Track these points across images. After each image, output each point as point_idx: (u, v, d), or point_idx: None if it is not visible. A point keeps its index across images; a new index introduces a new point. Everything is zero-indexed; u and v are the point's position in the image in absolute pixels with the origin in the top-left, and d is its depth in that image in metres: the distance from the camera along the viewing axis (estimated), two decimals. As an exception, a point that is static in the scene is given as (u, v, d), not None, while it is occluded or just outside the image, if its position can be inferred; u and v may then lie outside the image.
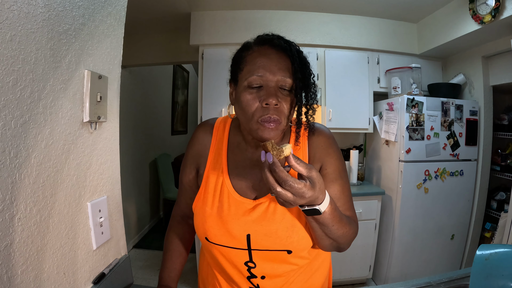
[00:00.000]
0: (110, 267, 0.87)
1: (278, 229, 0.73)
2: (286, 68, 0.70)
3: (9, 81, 0.53)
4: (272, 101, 0.67)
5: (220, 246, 0.77)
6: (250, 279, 0.79)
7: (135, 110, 3.77)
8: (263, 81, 0.69)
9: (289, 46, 0.72)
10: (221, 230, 0.76)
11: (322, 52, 2.84)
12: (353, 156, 2.84)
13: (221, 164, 0.82)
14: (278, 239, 0.73)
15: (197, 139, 0.88)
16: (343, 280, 2.74)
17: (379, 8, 2.72)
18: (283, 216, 0.74)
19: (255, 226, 0.74)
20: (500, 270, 0.67)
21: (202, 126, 0.90)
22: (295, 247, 0.74)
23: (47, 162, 0.63)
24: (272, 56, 0.71)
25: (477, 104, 2.68)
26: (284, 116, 0.70)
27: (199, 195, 0.83)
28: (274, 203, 0.74)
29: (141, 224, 4.06)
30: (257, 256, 0.76)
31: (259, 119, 0.69)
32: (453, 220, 2.69)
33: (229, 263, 0.79)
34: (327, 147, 0.81)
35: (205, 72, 2.78)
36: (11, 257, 0.55)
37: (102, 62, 0.83)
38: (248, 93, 0.70)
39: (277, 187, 0.57)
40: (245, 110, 0.71)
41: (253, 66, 0.70)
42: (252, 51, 0.74)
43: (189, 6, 2.74)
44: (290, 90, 0.71)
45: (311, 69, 0.75)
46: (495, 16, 2.05)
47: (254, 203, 0.76)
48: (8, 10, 0.52)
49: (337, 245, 0.75)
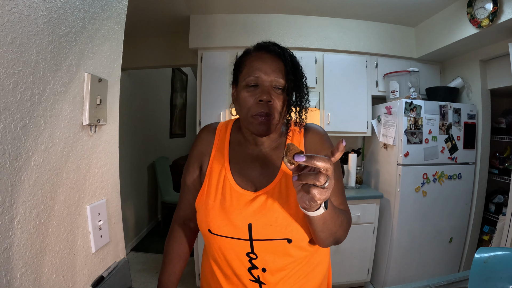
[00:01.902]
0: (109, 270, 0.87)
1: (278, 217, 0.78)
2: (279, 70, 0.79)
3: (10, 84, 0.53)
4: (265, 98, 0.76)
5: (223, 237, 0.80)
6: (251, 271, 0.80)
7: (133, 113, 3.77)
8: (259, 81, 0.78)
9: (282, 51, 0.81)
10: (224, 220, 0.79)
11: (321, 56, 2.86)
12: (352, 160, 2.84)
13: (223, 160, 0.88)
14: (278, 227, 0.77)
15: (201, 140, 0.94)
16: (342, 283, 2.73)
17: (377, 12, 2.73)
18: (282, 206, 0.79)
19: (256, 215, 0.78)
20: (498, 273, 0.67)
21: (205, 128, 0.97)
22: (295, 235, 0.78)
23: (47, 165, 0.63)
24: (267, 60, 0.80)
25: (475, 108, 2.70)
26: (277, 111, 0.79)
27: (202, 191, 0.87)
28: (273, 194, 0.80)
29: (139, 227, 4.05)
30: (259, 246, 0.79)
31: (254, 114, 0.78)
32: (451, 223, 2.69)
33: (231, 254, 0.81)
34: (322, 143, 0.88)
35: (204, 76, 2.79)
36: (10, 260, 0.54)
37: (102, 65, 0.83)
38: (245, 91, 0.80)
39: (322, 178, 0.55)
40: (242, 106, 0.80)
41: (250, 69, 0.80)
42: (251, 56, 0.83)
43: (189, 10, 2.75)
44: (283, 90, 0.80)
45: (303, 72, 0.84)
46: (493, 20, 2.07)
47: (254, 194, 0.81)
48: (9, 13, 0.52)
49: (335, 239, 0.79)
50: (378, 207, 2.67)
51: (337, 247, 2.60)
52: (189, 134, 6.14)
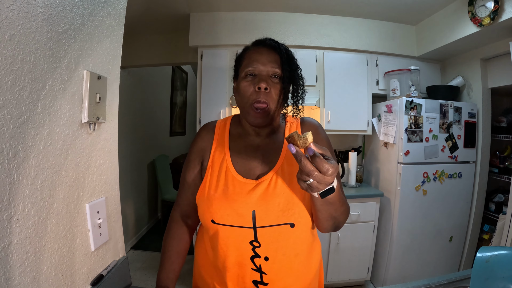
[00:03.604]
0: (108, 268, 0.86)
1: (280, 202, 0.81)
2: (275, 61, 0.85)
3: (8, 81, 0.52)
4: (263, 85, 0.81)
5: (226, 226, 0.82)
6: (253, 259, 0.82)
7: (133, 111, 3.76)
8: (256, 71, 0.84)
9: (278, 45, 0.88)
10: (227, 209, 0.82)
11: (321, 54, 2.85)
12: (352, 158, 2.84)
13: (224, 152, 0.91)
14: (281, 211, 0.81)
15: (201, 137, 0.98)
16: (342, 282, 2.74)
17: (378, 10, 2.72)
18: (284, 190, 0.82)
19: (259, 202, 0.81)
20: (500, 272, 0.67)
21: (205, 126, 1.01)
22: (297, 219, 0.82)
23: (46, 163, 0.63)
24: (264, 52, 0.87)
25: (476, 107, 2.69)
26: (273, 100, 0.84)
27: (203, 184, 0.89)
28: (275, 180, 0.84)
29: (139, 226, 4.05)
30: (262, 234, 0.81)
31: (253, 102, 0.83)
32: (451, 222, 2.69)
33: (235, 243, 0.82)
34: (317, 133, 0.94)
35: (204, 74, 2.78)
36: (9, 258, 0.54)
37: (102, 62, 0.83)
38: (245, 81, 0.86)
39: (316, 171, 0.62)
40: (242, 95, 0.86)
41: (249, 61, 0.87)
42: (249, 50, 0.91)
43: (189, 7, 2.74)
44: (280, 79, 0.86)
45: (297, 64, 0.91)
46: (494, 19, 2.06)
47: (256, 182, 0.84)
48: (8, 9, 0.51)
49: (337, 223, 0.84)
50: (378, 206, 2.67)
51: (337, 245, 2.60)
52: (189, 132, 6.13)
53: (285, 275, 0.84)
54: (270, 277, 0.82)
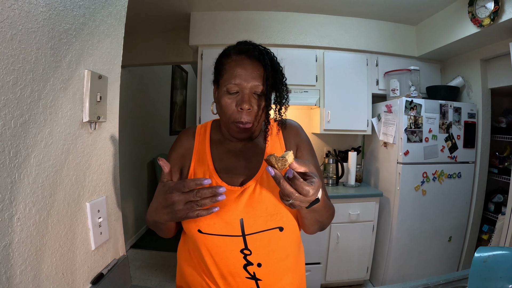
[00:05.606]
0: (108, 267, 0.87)
1: (268, 206, 0.80)
2: (259, 76, 0.81)
3: (9, 80, 0.53)
4: (246, 106, 0.79)
5: (215, 235, 0.79)
6: (246, 267, 0.80)
7: (133, 110, 3.76)
8: (239, 88, 0.80)
9: (262, 56, 0.82)
10: (214, 219, 0.79)
11: (321, 54, 2.85)
12: (351, 158, 2.84)
13: (206, 160, 0.88)
14: (269, 216, 0.80)
15: (180, 143, 0.94)
16: (341, 281, 2.75)
17: (378, 10, 2.73)
18: (269, 194, 0.81)
19: (247, 209, 0.80)
20: (498, 272, 0.67)
21: (184, 132, 0.97)
22: (285, 222, 0.81)
23: (47, 162, 0.63)
24: (247, 66, 0.81)
25: (475, 107, 2.70)
26: (256, 117, 0.82)
27: None
28: (260, 185, 0.82)
29: (139, 224, 4.05)
30: (252, 241, 0.79)
31: (235, 121, 0.81)
32: (450, 222, 2.70)
33: (225, 253, 0.80)
34: (298, 134, 0.94)
35: (204, 73, 2.79)
36: (10, 257, 0.54)
37: (102, 62, 0.83)
38: (227, 98, 0.81)
39: (296, 193, 0.62)
40: (223, 111, 0.83)
41: (231, 75, 0.81)
42: (231, 60, 0.84)
43: (189, 7, 2.74)
44: (262, 94, 0.82)
45: (283, 74, 0.87)
46: (494, 20, 2.06)
47: (241, 189, 0.82)
48: (9, 9, 0.52)
49: (322, 226, 0.86)
50: (377, 206, 2.68)
51: (336, 245, 2.60)
52: (189, 131, 6.11)
53: (279, 277, 0.84)
54: (266, 283, 0.81)
